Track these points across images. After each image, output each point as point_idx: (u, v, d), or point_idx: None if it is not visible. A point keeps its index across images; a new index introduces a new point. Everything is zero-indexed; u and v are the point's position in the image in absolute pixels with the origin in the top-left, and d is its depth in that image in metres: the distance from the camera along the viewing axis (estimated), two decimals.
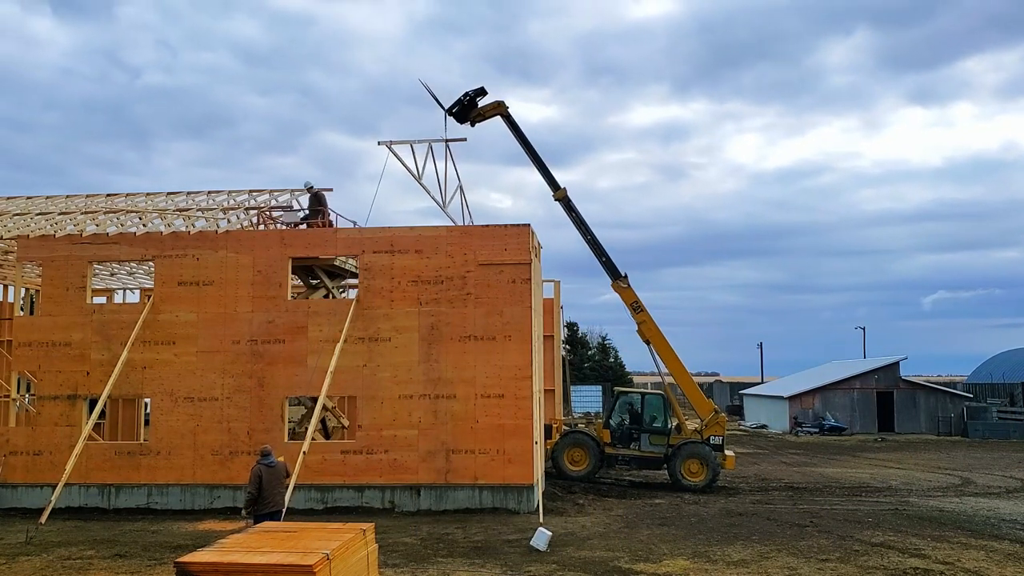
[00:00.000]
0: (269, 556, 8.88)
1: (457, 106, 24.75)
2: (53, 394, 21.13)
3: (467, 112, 24.92)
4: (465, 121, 25.06)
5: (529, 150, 25.52)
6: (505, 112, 25.24)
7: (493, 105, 25.16)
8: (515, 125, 25.40)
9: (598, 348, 78.41)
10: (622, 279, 25.96)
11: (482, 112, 25.11)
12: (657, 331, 25.79)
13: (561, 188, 25.58)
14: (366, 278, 20.95)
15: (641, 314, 25.82)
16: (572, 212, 25.70)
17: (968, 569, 13.95)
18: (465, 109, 24.85)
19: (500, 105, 25.18)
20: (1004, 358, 61.82)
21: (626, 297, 25.98)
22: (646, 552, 15.23)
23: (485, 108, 25.12)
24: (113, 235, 21.65)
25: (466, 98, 24.78)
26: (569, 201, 25.63)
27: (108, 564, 14.43)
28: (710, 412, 25.45)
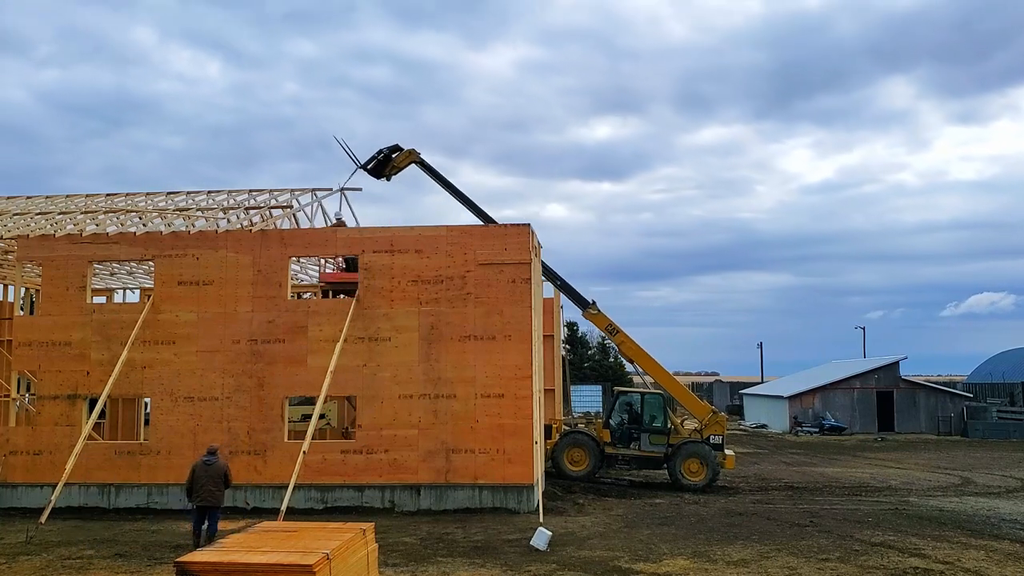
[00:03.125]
0: (269, 556, 8.88)
1: (371, 162, 25.21)
2: (53, 394, 21.13)
3: (382, 167, 25.31)
4: (381, 176, 25.42)
5: (453, 191, 25.48)
6: (418, 159, 25.44)
7: (406, 155, 25.38)
8: (431, 169, 25.54)
9: (598, 348, 78.39)
10: (591, 307, 26.15)
11: (396, 165, 25.38)
12: (637, 348, 25.94)
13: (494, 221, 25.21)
14: (366, 278, 20.95)
15: (618, 335, 26.03)
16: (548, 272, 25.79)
17: (968, 569, 13.95)
18: (380, 164, 25.27)
19: (412, 153, 25.42)
20: (1004, 358, 61.80)
21: (599, 323, 26.30)
22: (646, 552, 15.23)
23: (398, 159, 25.36)
24: (113, 235, 21.64)
25: (380, 154, 25.23)
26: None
27: (108, 564, 14.44)
28: (707, 413, 25.48)
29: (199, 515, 15.10)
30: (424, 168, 25.45)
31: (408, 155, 25.27)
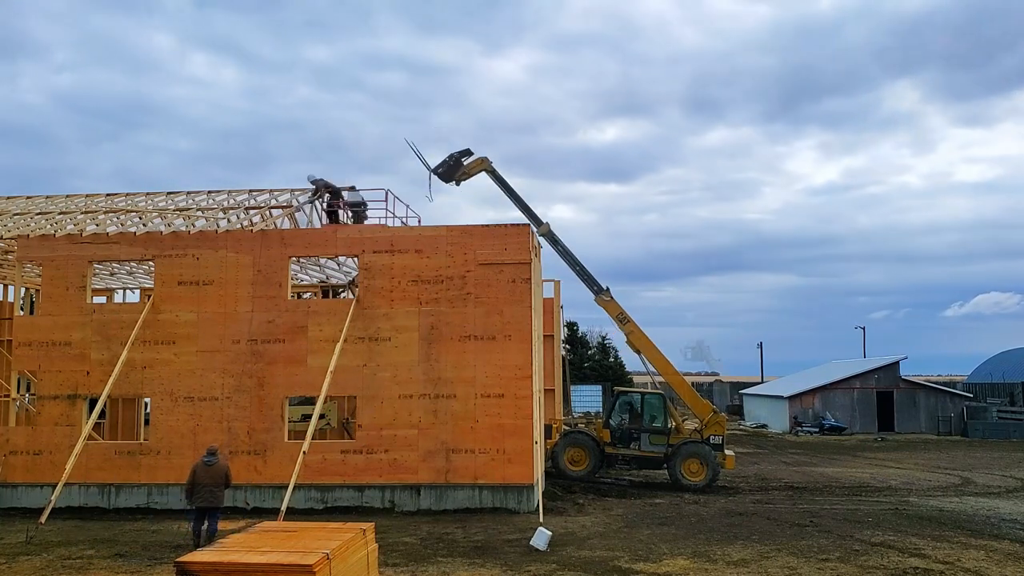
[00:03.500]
0: (269, 556, 8.88)
1: (443, 166, 25.30)
2: (53, 394, 21.13)
3: (453, 172, 25.45)
4: (450, 181, 25.58)
5: (516, 198, 25.84)
6: (489, 168, 25.64)
7: (477, 162, 25.60)
8: (500, 178, 25.77)
9: (598, 348, 78.38)
10: (604, 292, 26.03)
11: (467, 171, 25.56)
12: (646, 339, 25.86)
13: (544, 223, 25.65)
14: (366, 278, 20.95)
15: (628, 325, 25.91)
16: (557, 244, 25.90)
17: (968, 569, 13.95)
18: (451, 169, 25.39)
19: (484, 161, 25.63)
20: (1004, 358, 61.78)
21: (611, 310, 26.11)
22: (646, 552, 15.23)
23: (470, 166, 25.55)
24: (113, 235, 21.65)
25: (451, 159, 25.30)
26: (553, 235, 25.76)
27: (108, 564, 14.44)
28: (709, 412, 25.45)
29: (199, 516, 15.19)
30: (493, 176, 25.70)
31: (479, 163, 25.56)
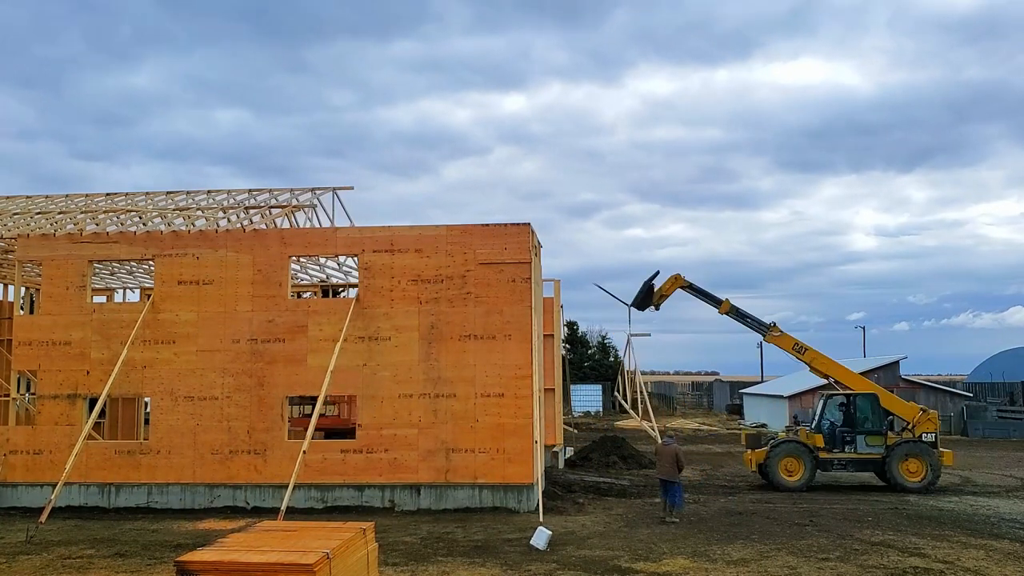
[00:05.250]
0: (269, 555, 8.88)
1: (638, 298, 25.87)
2: (53, 393, 21.13)
3: (649, 299, 25.95)
4: (648, 307, 26.09)
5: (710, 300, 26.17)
6: (684, 283, 25.91)
7: (670, 282, 25.99)
8: (697, 290, 26.00)
9: (598, 347, 78.41)
10: (773, 328, 25.83)
11: (662, 292, 25.96)
12: (830, 363, 25.54)
13: (724, 301, 26.04)
14: (366, 277, 20.95)
15: (808, 353, 25.46)
16: (744, 319, 26.10)
17: (968, 568, 13.95)
18: (647, 297, 25.89)
19: (678, 279, 25.93)
20: (1004, 358, 61.79)
21: (784, 344, 25.73)
22: (646, 551, 15.23)
23: (664, 288, 25.92)
24: (113, 234, 21.65)
25: (643, 289, 25.81)
26: (737, 310, 26.07)
27: (108, 563, 14.44)
28: (917, 411, 24.75)
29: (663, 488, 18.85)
30: (690, 289, 26.01)
31: (674, 281, 25.97)
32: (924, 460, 23.72)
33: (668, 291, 26.03)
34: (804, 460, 24.08)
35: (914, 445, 23.95)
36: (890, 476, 23.75)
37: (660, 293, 26.01)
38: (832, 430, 24.67)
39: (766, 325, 26.03)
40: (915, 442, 24.03)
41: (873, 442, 24.32)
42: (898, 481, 23.57)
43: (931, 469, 23.59)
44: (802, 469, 24.03)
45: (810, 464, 24.03)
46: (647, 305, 26.09)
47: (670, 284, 26.02)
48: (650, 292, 26.00)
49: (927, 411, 24.89)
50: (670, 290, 25.98)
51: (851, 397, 25.27)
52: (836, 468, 24.58)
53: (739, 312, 26.20)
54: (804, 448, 24.26)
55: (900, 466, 23.73)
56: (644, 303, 26.07)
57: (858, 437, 24.40)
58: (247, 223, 21.87)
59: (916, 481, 23.53)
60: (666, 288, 26.02)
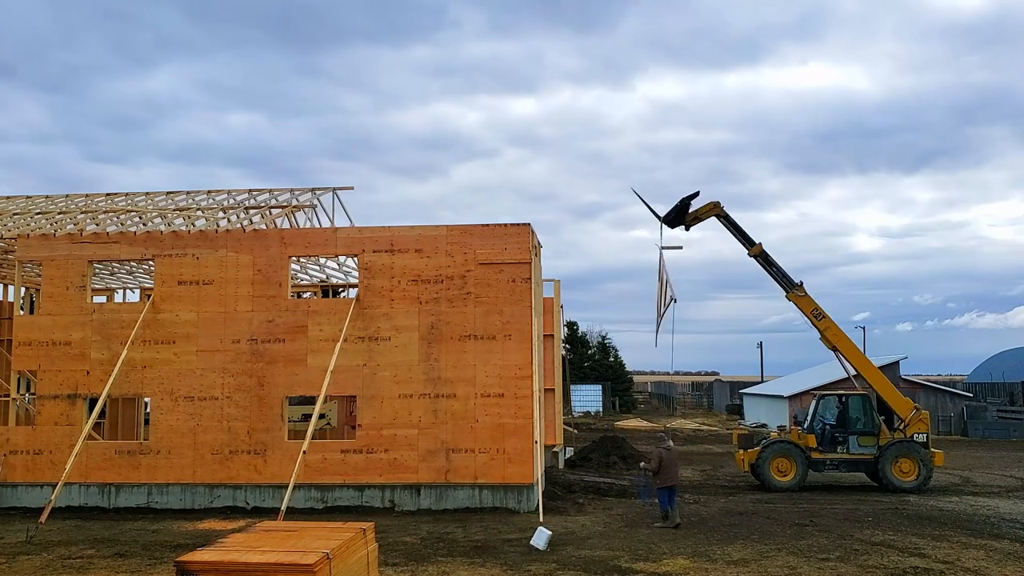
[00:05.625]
0: (269, 555, 8.88)
1: (672, 213, 25.00)
2: (53, 393, 21.13)
3: (681, 217, 25.14)
4: (679, 226, 25.27)
5: (741, 236, 25.47)
6: (721, 212, 25.21)
7: (708, 207, 25.15)
8: (731, 221, 25.30)
9: (598, 347, 78.39)
10: (798, 288, 25.14)
11: (697, 215, 25.19)
12: (843, 336, 25.04)
13: (756, 244, 25.31)
14: (366, 277, 20.95)
15: (824, 321, 24.94)
16: (771, 266, 25.43)
17: (968, 568, 13.95)
18: (680, 215, 25.09)
19: (716, 206, 25.19)
20: (1004, 358, 61.84)
21: (804, 305, 25.08)
22: (646, 551, 15.23)
23: (700, 211, 25.14)
24: (113, 234, 21.66)
25: (679, 205, 24.98)
26: (766, 255, 25.36)
27: (108, 563, 14.43)
28: (910, 410, 24.59)
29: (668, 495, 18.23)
30: (725, 220, 25.38)
31: (712, 207, 25.23)
32: (916, 460, 23.75)
33: (704, 215, 25.18)
34: (796, 460, 24.11)
35: (906, 445, 23.97)
36: (883, 476, 23.75)
37: (695, 215, 25.14)
38: (824, 430, 24.71)
39: (794, 282, 25.29)
40: (907, 442, 24.05)
41: (865, 443, 24.33)
42: (891, 481, 23.58)
43: (923, 469, 23.62)
44: (794, 469, 24.03)
45: (802, 464, 24.05)
46: (679, 223, 25.17)
47: (707, 209, 25.15)
48: (684, 211, 25.07)
49: (920, 410, 24.85)
50: (706, 215, 25.16)
51: (843, 398, 25.38)
52: (828, 468, 24.61)
53: (768, 259, 25.42)
54: (796, 448, 24.29)
55: (893, 466, 23.76)
56: (676, 220, 25.14)
57: (850, 438, 24.46)
58: (247, 223, 21.87)
59: (909, 481, 23.55)
60: (702, 211, 25.16)
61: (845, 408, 25.08)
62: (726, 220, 25.31)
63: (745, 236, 25.52)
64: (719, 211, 25.15)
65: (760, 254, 25.34)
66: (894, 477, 23.62)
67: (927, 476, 23.65)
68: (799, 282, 25.24)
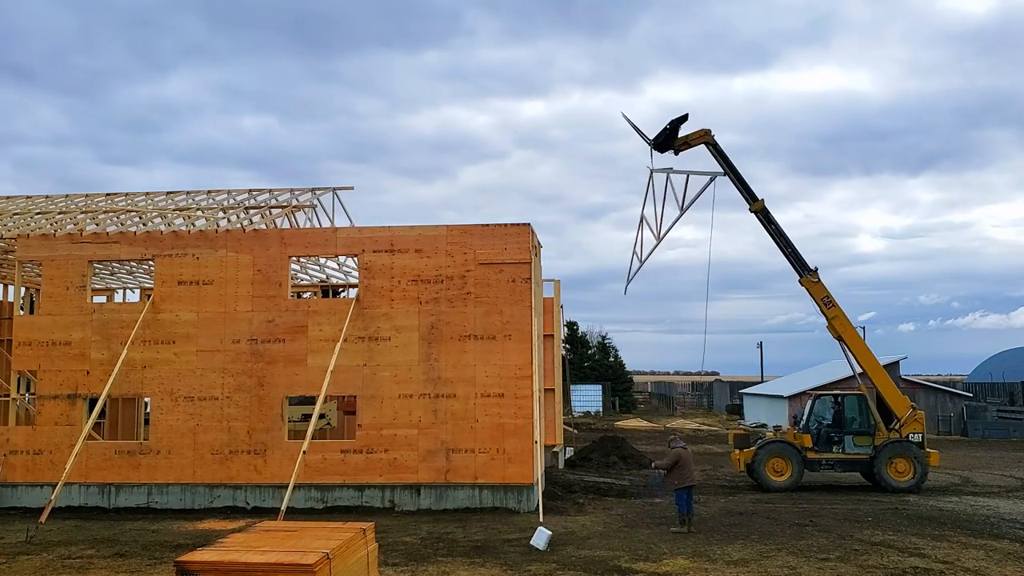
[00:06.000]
0: (269, 555, 8.88)
1: (661, 136, 24.60)
2: (53, 393, 21.13)
3: (670, 141, 24.73)
4: (668, 150, 24.86)
5: (732, 171, 25.03)
6: (711, 140, 24.85)
7: (699, 133, 24.81)
8: (721, 153, 24.93)
9: (598, 348, 78.41)
10: (812, 273, 24.88)
11: (687, 140, 24.80)
12: (850, 326, 24.87)
13: (759, 200, 24.96)
14: (366, 277, 20.96)
15: (833, 309, 24.70)
16: (771, 224, 25.06)
17: (968, 568, 13.95)
18: (668, 138, 24.68)
19: (707, 133, 24.81)
20: (1004, 358, 61.83)
21: (816, 292, 24.85)
22: (646, 551, 15.23)
23: (690, 136, 24.77)
24: (113, 234, 21.66)
25: (668, 128, 24.57)
26: (767, 212, 25.03)
27: (108, 563, 14.44)
28: (907, 409, 24.53)
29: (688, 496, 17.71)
30: (714, 150, 24.90)
31: (701, 134, 24.75)
32: (912, 460, 23.73)
33: (693, 141, 24.82)
34: (792, 460, 24.08)
35: (902, 445, 23.96)
36: (878, 476, 23.75)
37: (684, 140, 24.75)
38: (820, 430, 24.67)
39: (808, 267, 24.92)
40: (903, 442, 24.03)
41: (861, 442, 24.31)
42: (887, 481, 23.57)
43: (919, 469, 23.62)
44: (790, 469, 24.00)
45: (798, 464, 24.02)
46: (668, 148, 24.81)
47: (698, 136, 24.75)
48: (674, 135, 24.68)
49: (916, 410, 24.79)
50: (696, 141, 24.79)
51: (839, 398, 25.39)
52: (824, 468, 24.61)
53: (768, 218, 24.98)
54: (792, 448, 24.27)
55: (888, 466, 23.74)
56: (665, 144, 24.74)
57: (846, 437, 24.43)
58: (247, 223, 21.87)
59: (904, 481, 23.54)
60: (692, 137, 24.78)
61: (841, 408, 25.04)
62: (716, 151, 24.94)
63: (742, 181, 25.02)
64: (709, 139, 24.85)
65: (762, 210, 25.02)
66: (890, 477, 23.61)
67: (923, 476, 23.65)
68: (814, 267, 25.01)
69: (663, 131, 24.59)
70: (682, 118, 24.59)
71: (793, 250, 25.16)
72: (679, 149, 24.89)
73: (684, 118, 24.60)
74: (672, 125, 24.56)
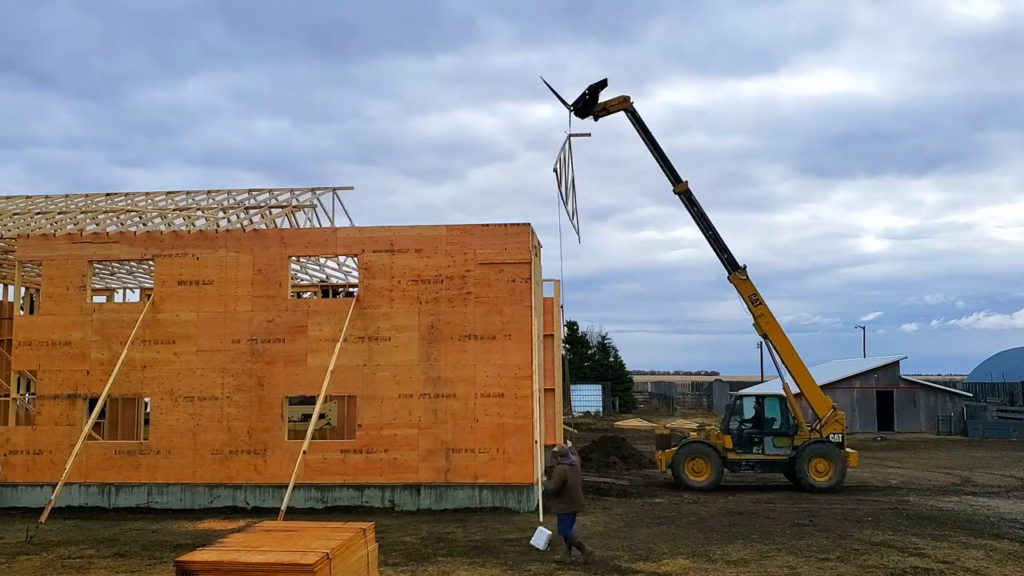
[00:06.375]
0: (269, 555, 8.88)
1: (580, 101, 24.34)
2: (53, 393, 21.13)
3: (590, 107, 24.45)
4: (587, 116, 24.59)
5: (653, 146, 24.95)
6: (630, 107, 24.67)
7: (618, 100, 24.59)
8: (639, 120, 24.76)
9: (598, 347, 78.41)
10: (740, 271, 25.10)
11: (606, 106, 24.56)
12: (775, 324, 24.99)
13: (683, 181, 24.95)
14: (366, 277, 20.96)
15: (759, 307, 24.93)
16: (693, 206, 25.08)
17: (968, 568, 13.95)
18: (588, 104, 24.40)
19: (625, 100, 24.62)
20: (1004, 358, 61.79)
21: (744, 289, 25.06)
22: (646, 551, 15.23)
23: (609, 102, 24.53)
24: (113, 234, 21.66)
25: (588, 93, 24.31)
26: (690, 194, 25.01)
27: (108, 563, 14.43)
28: (828, 409, 24.70)
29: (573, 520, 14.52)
30: (633, 118, 24.76)
31: (621, 101, 24.58)
32: (832, 460, 23.89)
33: (612, 108, 24.64)
34: (711, 461, 24.27)
35: (822, 446, 24.13)
36: (799, 476, 23.91)
37: (603, 106, 24.55)
38: (740, 431, 24.86)
39: (737, 265, 25.11)
40: (823, 443, 24.23)
41: (780, 443, 24.51)
42: (807, 481, 23.71)
43: (839, 469, 23.78)
44: (709, 470, 24.19)
45: (717, 465, 24.21)
46: (587, 113, 24.57)
47: (616, 102, 24.61)
48: (594, 100, 24.44)
49: (836, 410, 25.02)
50: (615, 108, 24.64)
51: (760, 399, 25.68)
52: (744, 469, 24.84)
53: (691, 200, 24.99)
54: (711, 449, 24.52)
55: (809, 467, 23.88)
56: (585, 110, 24.49)
57: (766, 438, 24.63)
58: (247, 223, 21.87)
59: (824, 481, 23.67)
60: (611, 104, 24.60)
61: (761, 409, 25.28)
62: (635, 118, 24.82)
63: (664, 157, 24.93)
64: (628, 106, 24.71)
65: (685, 193, 25.06)
66: (810, 477, 23.77)
67: (842, 476, 23.84)
68: (743, 265, 25.31)
69: (582, 96, 24.40)
70: (601, 83, 24.44)
71: (723, 245, 25.37)
72: (598, 115, 24.72)
73: (603, 83, 24.46)
74: (591, 90, 24.37)
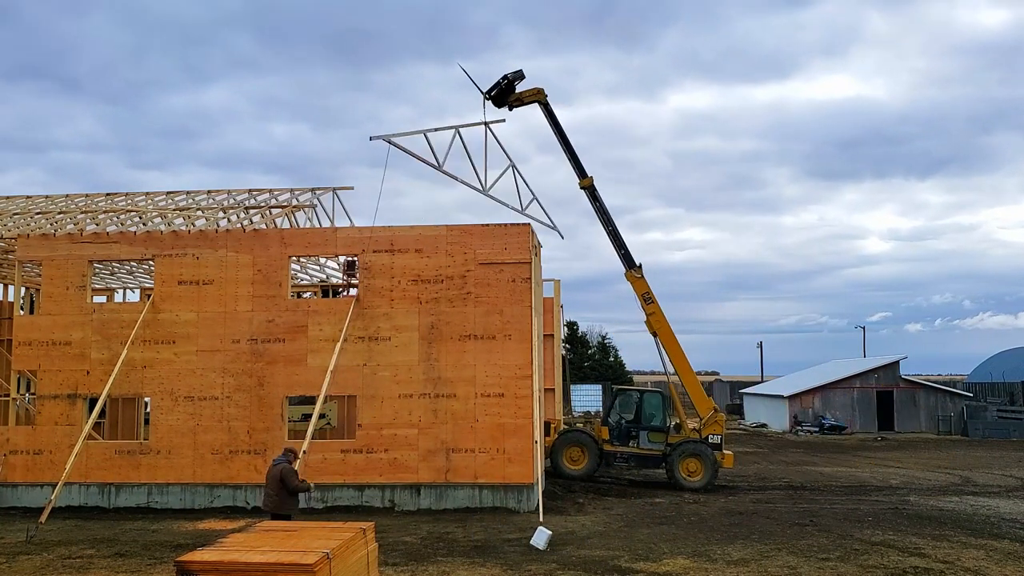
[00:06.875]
0: (269, 555, 8.88)
1: (496, 89, 24.48)
2: (53, 393, 21.13)
3: (505, 96, 24.63)
4: (503, 105, 24.76)
5: (563, 139, 25.27)
6: (544, 100, 24.93)
7: (533, 91, 24.84)
8: (552, 114, 25.06)
9: (598, 347, 78.43)
10: (636, 269, 25.51)
11: (520, 97, 24.80)
12: (665, 323, 25.43)
13: (588, 176, 25.31)
14: (366, 277, 20.95)
15: (651, 305, 25.38)
16: (596, 201, 25.42)
17: (968, 568, 13.95)
18: (503, 92, 24.56)
19: (540, 92, 24.87)
20: (1004, 358, 61.76)
21: (638, 287, 25.53)
22: (646, 551, 15.23)
23: (524, 93, 24.80)
24: (113, 234, 21.65)
25: (504, 81, 24.46)
26: (594, 190, 25.35)
27: (108, 563, 14.44)
28: (709, 410, 25.22)
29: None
30: (546, 110, 24.98)
31: (535, 92, 24.83)
32: (703, 461, 24.09)
33: (527, 98, 24.84)
34: (589, 451, 24.78)
35: (696, 446, 24.40)
36: (670, 474, 24.17)
37: (518, 96, 24.79)
38: (618, 425, 25.24)
39: (634, 263, 25.46)
40: (698, 443, 24.51)
41: (655, 439, 24.87)
42: (677, 480, 24.01)
43: (709, 469, 23.97)
44: (586, 459, 24.68)
45: (594, 455, 24.69)
46: (503, 103, 24.74)
47: (531, 94, 24.79)
48: (509, 90, 24.65)
49: (718, 412, 25.36)
50: (529, 99, 24.84)
51: (641, 394, 26.13)
52: (619, 462, 25.09)
53: (595, 195, 25.28)
54: (590, 439, 24.97)
55: (680, 465, 24.10)
56: (500, 99, 24.67)
57: (642, 433, 24.98)
58: (247, 223, 21.87)
59: (694, 481, 23.88)
60: (526, 95, 24.80)
61: (640, 404, 25.65)
62: (548, 111, 25.04)
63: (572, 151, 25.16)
64: (542, 98, 24.94)
65: (590, 188, 25.32)
66: (680, 476, 24.06)
67: (712, 478, 24.03)
68: (639, 264, 25.68)
69: (497, 84, 24.57)
70: (517, 73, 24.69)
71: (621, 242, 25.68)
72: (513, 105, 24.92)
73: (519, 74, 24.71)
74: (507, 80, 24.59)
